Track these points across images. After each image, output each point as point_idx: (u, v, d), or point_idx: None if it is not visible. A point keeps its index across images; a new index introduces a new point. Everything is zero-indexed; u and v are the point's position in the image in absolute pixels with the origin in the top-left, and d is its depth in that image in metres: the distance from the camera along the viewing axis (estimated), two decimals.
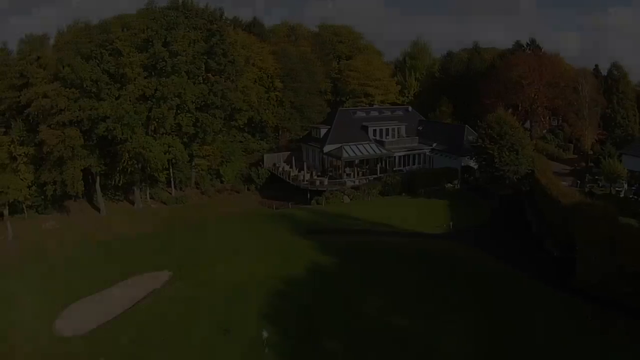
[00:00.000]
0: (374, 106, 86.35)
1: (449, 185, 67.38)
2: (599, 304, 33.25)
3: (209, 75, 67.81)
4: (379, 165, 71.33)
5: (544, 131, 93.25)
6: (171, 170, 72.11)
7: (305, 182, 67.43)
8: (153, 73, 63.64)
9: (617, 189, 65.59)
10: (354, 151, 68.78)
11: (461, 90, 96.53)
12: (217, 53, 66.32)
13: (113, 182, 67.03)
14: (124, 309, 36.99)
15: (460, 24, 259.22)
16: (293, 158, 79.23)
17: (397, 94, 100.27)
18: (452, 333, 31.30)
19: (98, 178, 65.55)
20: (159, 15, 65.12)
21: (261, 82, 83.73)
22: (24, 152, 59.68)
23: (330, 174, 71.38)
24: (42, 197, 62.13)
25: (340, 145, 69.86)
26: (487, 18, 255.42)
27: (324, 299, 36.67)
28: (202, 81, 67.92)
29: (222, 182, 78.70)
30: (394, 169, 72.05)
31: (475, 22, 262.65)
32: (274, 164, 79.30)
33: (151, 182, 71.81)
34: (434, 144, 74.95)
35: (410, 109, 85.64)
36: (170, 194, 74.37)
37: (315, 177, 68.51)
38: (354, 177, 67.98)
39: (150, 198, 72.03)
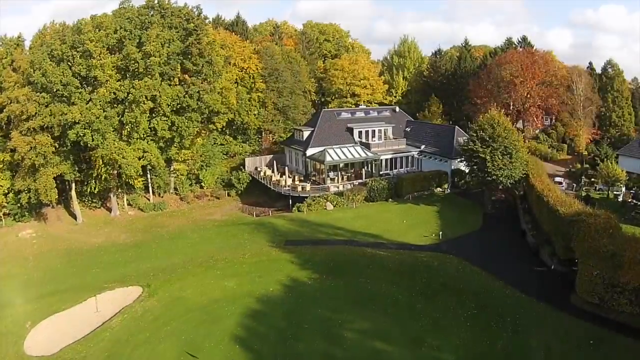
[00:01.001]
0: (360, 107, 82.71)
1: (439, 189, 63.96)
2: (600, 323, 30.48)
3: (186, 76, 63.96)
4: (364, 169, 67.63)
5: (537, 131, 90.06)
6: (149, 175, 68.83)
7: (287, 188, 63.63)
8: (127, 75, 60.49)
9: (615, 192, 62.50)
10: (338, 154, 65.12)
11: (451, 89, 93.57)
12: (193, 53, 62.49)
13: (89, 189, 64.07)
14: (93, 327, 34.70)
15: (450, 22, 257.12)
16: (274, 162, 75.42)
17: (385, 93, 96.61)
18: None
19: (73, 185, 62.92)
20: (134, 15, 62.05)
21: (243, 83, 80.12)
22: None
23: (314, 178, 67.75)
24: (19, 204, 60.02)
25: (323, 148, 66.27)
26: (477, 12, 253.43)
27: (301, 321, 33.26)
28: (178, 83, 64.08)
29: (202, 187, 75.01)
30: (381, 172, 68.50)
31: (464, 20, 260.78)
32: (256, 168, 75.55)
33: (128, 188, 68.57)
34: (423, 146, 71.51)
35: (397, 109, 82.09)
36: (149, 200, 70.95)
37: (297, 183, 64.76)
38: (338, 182, 64.24)
39: (128, 205, 68.98)
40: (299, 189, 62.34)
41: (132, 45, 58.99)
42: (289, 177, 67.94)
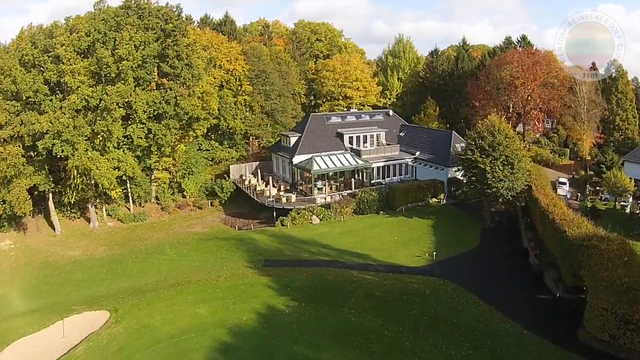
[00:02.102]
0: (351, 110, 78.31)
1: (434, 200, 59.83)
2: None
3: (164, 80, 59.73)
4: (353, 179, 63.32)
5: (538, 135, 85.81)
6: (129, 184, 64.91)
7: (271, 199, 59.28)
8: (101, 81, 56.82)
9: (622, 203, 58.45)
10: (326, 163, 60.80)
11: (448, 91, 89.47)
12: (170, 56, 58.22)
13: (66, 200, 60.30)
14: (58, 355, 32.87)
15: (448, 21, 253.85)
16: (259, 170, 71.21)
17: (378, 95, 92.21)
18: None
19: (50, 195, 59.65)
20: (110, 16, 58.28)
21: (229, 86, 76.04)
22: None
23: (301, 187, 63.54)
24: None
25: (311, 156, 61.99)
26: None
27: (274, 358, 29.61)
28: (155, 87, 59.98)
29: (184, 196, 70.85)
30: (372, 181, 64.24)
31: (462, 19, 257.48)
32: (241, 176, 71.35)
33: (107, 198, 64.66)
34: (418, 153, 67.30)
35: (391, 112, 77.80)
36: (129, 209, 67.10)
37: (282, 193, 60.47)
38: (326, 192, 59.96)
39: (107, 215, 65.31)
40: (284, 200, 58.04)
41: (103, 48, 55.43)
42: (274, 186, 63.68)
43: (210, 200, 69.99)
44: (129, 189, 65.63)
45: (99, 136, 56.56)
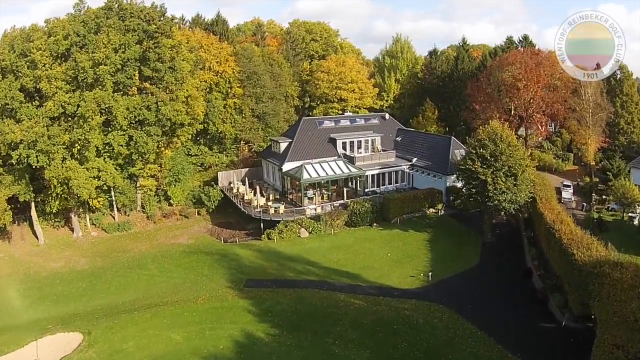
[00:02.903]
0: (346, 114, 74.73)
1: (431, 210, 56.50)
2: None
3: (146, 84, 56.50)
4: (346, 188, 59.97)
5: (540, 139, 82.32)
6: (113, 193, 61.95)
7: (259, 209, 55.94)
8: (79, 86, 54.08)
9: (630, 214, 55.06)
10: (316, 171, 57.44)
11: (448, 93, 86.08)
12: (151, 59, 54.96)
13: (48, 209, 57.82)
14: None
15: (448, 21, 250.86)
16: (247, 177, 67.94)
17: (375, 97, 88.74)
18: None
19: (33, 204, 57.31)
20: (90, 18, 55.45)
21: (218, 88, 72.84)
22: None
23: (291, 196, 60.27)
24: None
25: (301, 163, 58.71)
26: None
27: None
28: (137, 92, 56.84)
29: (170, 204, 67.67)
30: (366, 190, 60.93)
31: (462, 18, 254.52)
32: (230, 183, 68.02)
33: (90, 207, 61.78)
34: (415, 159, 63.98)
35: (387, 116, 74.34)
36: (114, 218, 64.20)
37: (269, 204, 57.15)
38: (316, 202, 56.65)
39: (91, 224, 62.54)
40: (272, 211, 54.72)
41: (81, 52, 52.75)
42: (262, 195, 60.37)
43: (197, 209, 66.88)
44: (114, 197, 62.65)
45: (76, 145, 53.61)
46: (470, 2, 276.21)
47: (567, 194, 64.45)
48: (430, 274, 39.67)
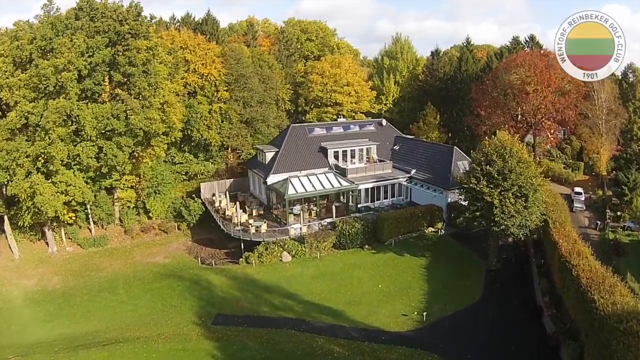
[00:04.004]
0: (339, 120, 68.99)
1: (430, 230, 51.12)
2: None
3: (118, 91, 51.36)
4: (337, 203, 54.63)
5: (549, 146, 76.74)
6: (88, 206, 57.17)
7: (239, 228, 50.60)
8: (45, 95, 49.65)
9: None
10: (303, 185, 52.02)
11: (450, 97, 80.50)
12: (121, 63, 49.79)
13: (20, 223, 53.44)
14: None
15: (452, 21, 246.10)
16: (227, 191, 62.74)
17: (372, 101, 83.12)
18: None
19: (6, 218, 53.76)
20: (59, 20, 50.85)
21: (203, 92, 67.73)
22: None
23: (276, 212, 54.98)
24: None
25: (287, 176, 53.40)
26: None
27: None
28: (109, 99, 51.82)
29: (150, 217, 62.57)
30: (359, 205, 55.46)
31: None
32: (213, 195, 62.76)
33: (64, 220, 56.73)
34: (413, 171, 58.52)
35: (384, 122, 68.68)
36: (90, 231, 59.50)
37: (251, 221, 51.80)
38: (302, 219, 51.10)
39: (67, 238, 58.25)
40: (252, 230, 49.35)
41: (40, 58, 48.50)
42: (245, 210, 55.20)
43: (178, 223, 61.89)
44: (89, 211, 57.96)
45: (40, 158, 49.08)
46: (474, 2, 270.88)
47: (579, 203, 60.37)
48: (425, 314, 34.19)
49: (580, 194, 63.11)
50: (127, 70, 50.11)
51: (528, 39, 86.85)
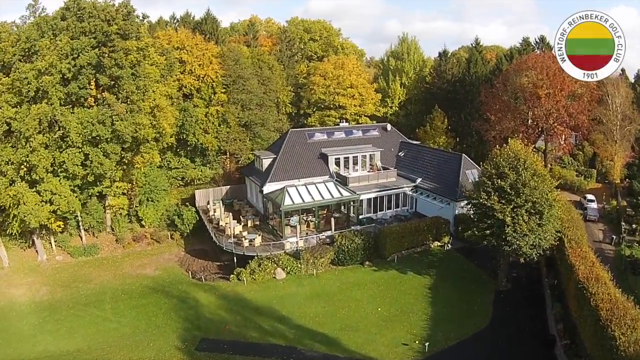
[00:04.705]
0: (341, 125, 65.77)
1: (436, 244, 48.09)
2: None
3: (105, 94, 48.64)
4: (336, 215, 51.62)
5: (560, 153, 73.35)
6: (79, 213, 54.53)
7: (231, 241, 47.68)
8: (29, 100, 46.98)
9: None
10: (301, 195, 49.05)
11: (458, 100, 77.28)
12: (106, 65, 47.00)
13: (9, 230, 51.28)
14: None
15: (459, 22, 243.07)
16: (222, 200, 59.87)
17: (377, 104, 79.90)
18: None
19: None
20: (46, 21, 48.16)
21: (200, 95, 65.09)
22: None
23: (273, 223, 52.08)
24: None
25: (284, 185, 50.51)
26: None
27: None
28: (94, 103, 49.14)
29: (142, 225, 59.93)
30: (360, 216, 52.47)
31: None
32: (208, 203, 59.98)
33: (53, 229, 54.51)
34: (419, 180, 55.49)
35: (389, 127, 65.54)
36: (81, 239, 56.87)
37: (245, 234, 48.86)
38: (299, 232, 47.83)
39: (57, 246, 55.80)
40: (246, 243, 46.45)
41: (21, 61, 45.88)
42: (240, 221, 52.42)
43: (171, 232, 59.04)
44: (80, 218, 55.39)
45: (22, 166, 46.71)
46: (482, 2, 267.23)
47: (592, 211, 57.64)
48: (427, 343, 31.16)
49: (592, 201, 60.33)
50: (113, 72, 47.33)
51: (538, 40, 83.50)
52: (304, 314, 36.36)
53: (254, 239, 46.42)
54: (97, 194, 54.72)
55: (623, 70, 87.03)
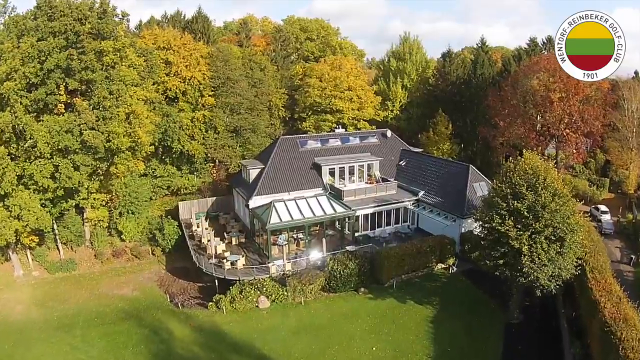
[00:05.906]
0: (337, 131, 60.95)
1: (440, 267, 43.51)
2: None
3: (76, 100, 44.25)
4: (329, 233, 46.98)
5: (573, 162, 68.64)
6: (55, 226, 51.00)
7: (212, 261, 43.12)
8: None
9: None
10: (289, 211, 44.37)
11: (463, 103, 72.74)
12: (75, 68, 42.55)
13: None
14: None
15: (464, 22, 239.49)
16: (207, 213, 55.37)
17: (378, 107, 75.13)
18: None
19: None
20: (16, 21, 44.36)
21: (186, 98, 60.74)
22: None
23: (259, 240, 47.50)
24: None
25: (272, 199, 45.94)
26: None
27: None
28: (65, 110, 44.79)
29: (123, 239, 55.55)
30: (357, 234, 47.92)
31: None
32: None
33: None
34: (421, 193, 50.95)
35: (389, 133, 60.66)
36: (59, 252, 52.94)
37: (227, 254, 44.33)
38: (284, 254, 42.77)
39: (34, 261, 52.20)
40: (227, 265, 41.83)
41: None
42: (223, 238, 47.97)
43: (152, 248, 54.70)
44: (57, 231, 51.57)
45: None
46: (486, 3, 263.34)
47: (607, 224, 54.48)
48: None
49: (606, 212, 56.85)
50: (84, 76, 42.91)
51: (545, 41, 79.11)
52: (287, 352, 31.77)
53: (236, 261, 41.78)
54: (75, 206, 50.72)
55: (636, 72, 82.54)
